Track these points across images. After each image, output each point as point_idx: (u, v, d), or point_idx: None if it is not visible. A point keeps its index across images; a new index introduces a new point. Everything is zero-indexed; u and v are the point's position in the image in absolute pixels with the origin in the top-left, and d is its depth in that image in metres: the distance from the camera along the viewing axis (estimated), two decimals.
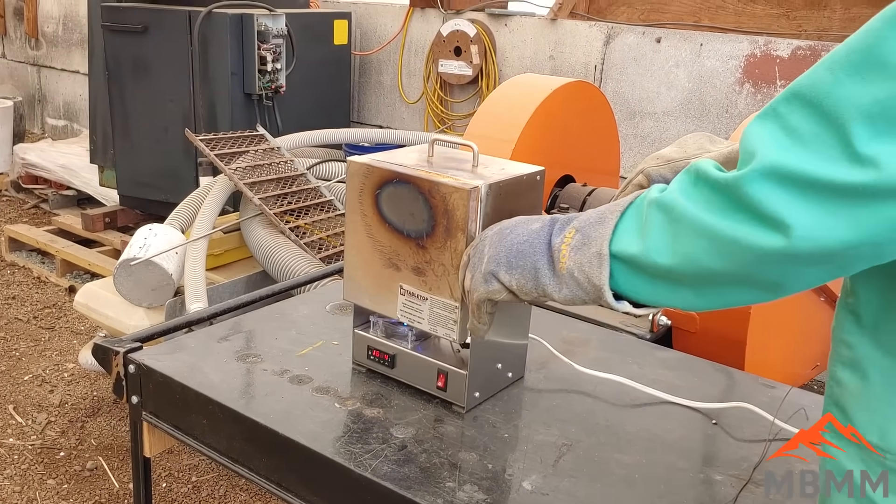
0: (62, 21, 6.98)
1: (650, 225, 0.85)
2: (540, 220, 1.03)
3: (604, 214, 0.94)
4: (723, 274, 0.78)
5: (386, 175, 1.24)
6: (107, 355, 1.40)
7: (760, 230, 0.73)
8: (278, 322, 1.61)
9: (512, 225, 1.05)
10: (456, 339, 1.23)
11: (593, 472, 1.17)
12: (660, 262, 0.83)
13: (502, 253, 1.02)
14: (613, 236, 0.90)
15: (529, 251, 0.99)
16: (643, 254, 0.85)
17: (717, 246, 0.76)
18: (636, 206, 0.91)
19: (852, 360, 0.82)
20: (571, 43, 4.40)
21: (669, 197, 0.83)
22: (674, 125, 4.07)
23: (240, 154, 3.68)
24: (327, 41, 4.76)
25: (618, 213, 0.91)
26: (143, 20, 4.31)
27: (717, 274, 0.78)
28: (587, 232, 0.93)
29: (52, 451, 2.91)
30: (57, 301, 4.20)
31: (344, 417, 1.27)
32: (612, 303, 0.92)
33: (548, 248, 0.98)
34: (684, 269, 0.81)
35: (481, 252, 1.06)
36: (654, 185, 0.92)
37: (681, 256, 0.80)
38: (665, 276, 0.84)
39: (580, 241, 0.94)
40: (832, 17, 4.05)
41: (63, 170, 5.44)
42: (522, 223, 1.04)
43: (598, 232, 0.92)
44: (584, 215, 0.97)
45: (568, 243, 0.95)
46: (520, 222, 1.05)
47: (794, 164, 0.71)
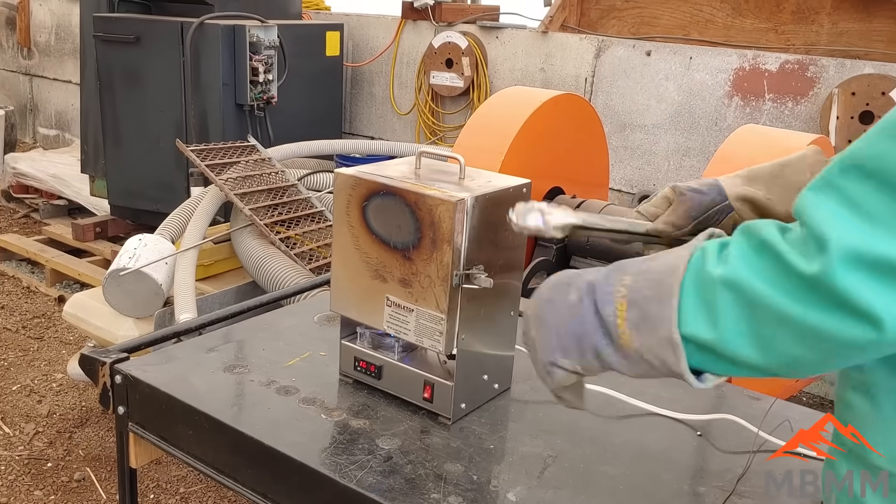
0: (54, 31, 6.98)
1: (721, 307, 0.78)
2: (574, 286, 0.91)
3: (657, 284, 0.83)
4: (807, 360, 0.76)
5: (373, 187, 1.25)
6: (93, 366, 1.40)
7: (851, 323, 0.70)
8: (266, 333, 1.61)
9: (546, 299, 0.93)
10: (442, 351, 1.24)
11: (578, 483, 1.17)
12: (740, 352, 0.78)
13: (552, 339, 0.91)
14: (679, 316, 0.81)
15: (581, 332, 0.89)
16: (719, 342, 0.78)
17: (804, 337, 0.74)
18: (695, 279, 0.81)
19: (863, 383, 0.82)
20: (562, 55, 4.42)
21: (737, 275, 0.77)
22: (663, 138, 4.10)
23: (231, 165, 3.69)
24: (319, 52, 4.78)
25: (675, 288, 0.81)
26: (136, 31, 4.32)
27: (800, 359, 0.76)
28: (645, 309, 0.83)
29: (40, 462, 2.89)
30: (46, 311, 4.19)
31: (330, 428, 1.27)
32: (694, 383, 0.85)
33: (600, 323, 0.87)
34: (767, 358, 0.77)
35: (531, 339, 0.95)
36: (707, 248, 0.82)
37: (763, 347, 0.76)
38: (744, 363, 0.79)
39: (639, 318, 0.84)
40: (820, 31, 4.09)
41: (54, 179, 5.43)
42: (558, 294, 0.92)
43: (660, 312, 0.82)
44: (628, 278, 0.87)
45: (623, 317, 0.85)
46: (554, 294, 0.93)
47: (876, 248, 0.69)
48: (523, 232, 1.08)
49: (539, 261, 2.70)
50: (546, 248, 2.77)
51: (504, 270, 1.30)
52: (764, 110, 3.82)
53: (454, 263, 1.18)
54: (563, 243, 2.79)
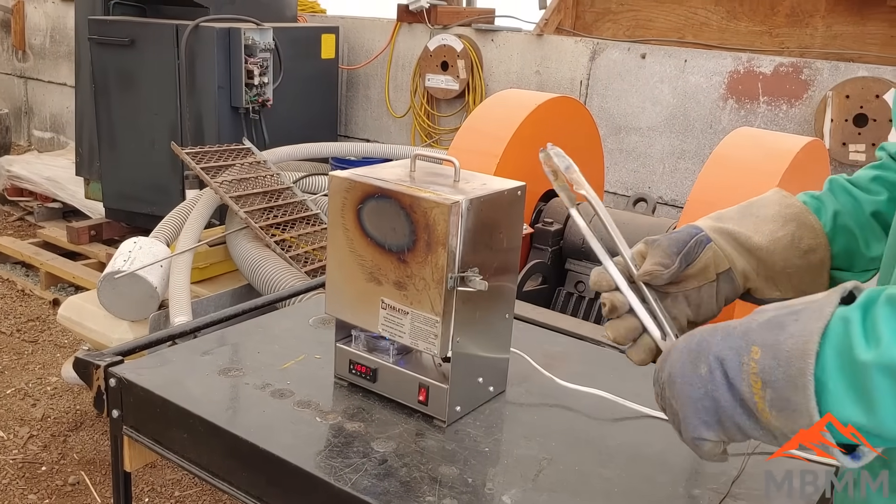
0: (49, 33, 6.97)
1: (879, 395, 0.71)
2: (703, 357, 0.85)
3: (788, 366, 0.77)
4: None
5: (368, 190, 1.25)
6: (87, 369, 1.39)
7: None
8: (261, 336, 1.60)
9: (679, 370, 0.87)
10: (437, 353, 1.24)
11: (573, 486, 1.17)
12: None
13: (692, 414, 0.86)
14: (822, 402, 0.75)
15: (719, 407, 0.83)
16: (878, 427, 0.72)
17: None
18: (842, 362, 0.74)
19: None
20: (557, 58, 4.43)
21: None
22: (658, 140, 4.11)
23: (226, 167, 3.68)
24: (315, 55, 4.78)
25: (809, 374, 0.75)
26: (131, 33, 4.32)
27: None
28: (782, 393, 0.77)
29: (34, 466, 2.88)
30: (41, 314, 4.18)
31: (325, 431, 1.27)
32: (849, 464, 0.78)
33: (737, 399, 0.81)
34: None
35: (673, 411, 0.89)
36: (849, 321, 0.75)
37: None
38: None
39: (778, 401, 0.77)
40: (814, 34, 4.10)
41: (49, 182, 5.42)
42: (688, 366, 0.86)
43: (798, 400, 0.75)
44: (758, 352, 0.80)
45: (760, 395, 0.79)
46: (685, 367, 0.86)
47: None
48: (547, 165, 1.08)
49: (534, 263, 2.70)
50: (541, 251, 2.77)
51: (499, 273, 1.30)
52: (758, 113, 3.83)
53: (449, 266, 1.18)
54: (558, 246, 2.80)
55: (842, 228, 1.07)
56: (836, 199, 1.09)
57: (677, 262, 1.00)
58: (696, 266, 1.01)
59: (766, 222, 1.04)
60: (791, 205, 1.06)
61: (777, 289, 1.04)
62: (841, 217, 1.07)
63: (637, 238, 2.90)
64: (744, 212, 1.07)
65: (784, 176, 2.16)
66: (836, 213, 1.07)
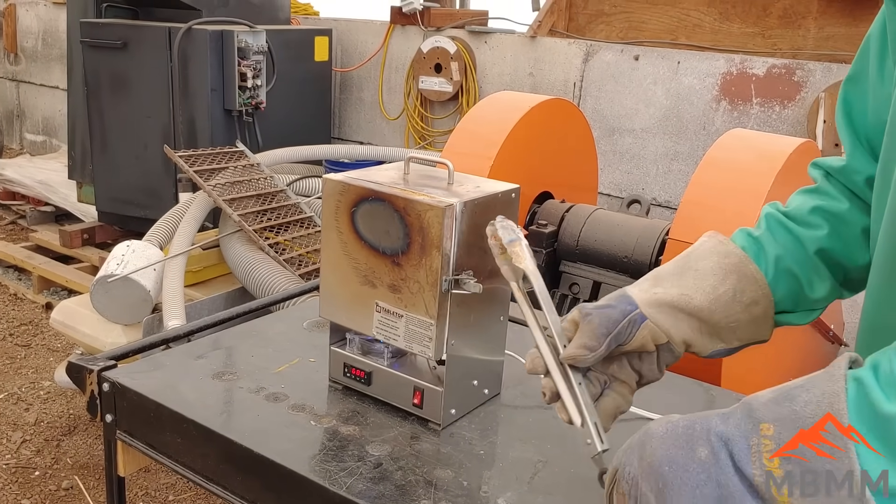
0: (41, 36, 6.95)
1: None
2: (700, 439, 0.76)
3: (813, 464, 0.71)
4: None
5: (361, 193, 1.24)
6: (81, 373, 1.39)
7: None
8: (255, 339, 1.60)
9: (666, 459, 0.77)
10: (432, 356, 1.24)
11: (568, 488, 1.17)
12: None
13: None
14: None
15: (724, 496, 0.74)
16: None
17: None
18: (862, 419, 0.70)
19: None
20: (551, 60, 4.43)
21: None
22: (652, 142, 4.11)
23: (219, 170, 3.67)
24: (308, 58, 4.77)
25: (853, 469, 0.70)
26: (123, 36, 4.31)
27: None
28: (810, 467, 0.71)
29: (27, 471, 2.87)
30: (33, 318, 4.16)
31: (320, 435, 1.26)
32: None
33: (746, 485, 0.74)
34: None
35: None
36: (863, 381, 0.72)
37: None
38: None
39: (803, 477, 0.72)
40: (807, 35, 4.12)
41: (41, 185, 5.40)
42: (680, 451, 0.77)
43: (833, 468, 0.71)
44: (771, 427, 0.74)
45: (779, 475, 0.73)
46: (675, 452, 0.77)
47: None
48: (493, 238, 1.07)
49: None
50: (536, 253, 2.77)
51: (493, 276, 1.29)
52: (751, 114, 3.83)
53: (443, 269, 1.18)
54: (552, 248, 2.80)
55: (784, 273, 1.02)
56: (776, 239, 1.04)
57: (605, 345, 0.95)
58: (631, 345, 0.97)
59: (706, 277, 0.99)
60: (730, 254, 1.01)
61: (721, 341, 1.01)
62: (782, 261, 1.02)
63: (631, 241, 2.90)
64: (682, 267, 1.02)
65: (777, 177, 2.16)
66: (777, 257, 1.02)
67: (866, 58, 1.01)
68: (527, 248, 1.08)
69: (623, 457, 0.83)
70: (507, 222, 1.13)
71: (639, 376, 1.01)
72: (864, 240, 1.03)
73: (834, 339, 2.76)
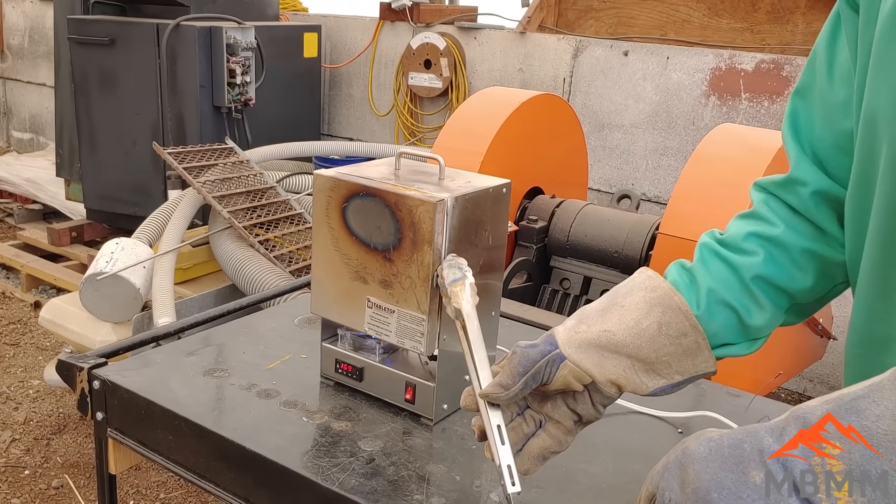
0: (28, 33, 6.90)
1: None
2: (749, 460, 0.70)
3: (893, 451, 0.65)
4: None
5: (352, 188, 1.24)
6: (71, 371, 1.38)
7: None
8: (246, 336, 1.60)
9: (712, 485, 0.70)
10: (423, 352, 1.24)
11: (560, 482, 1.17)
12: None
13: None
14: None
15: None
16: None
17: None
18: None
19: None
20: (540, 56, 4.44)
21: None
22: (641, 137, 4.12)
23: (209, 167, 3.66)
24: (297, 54, 4.76)
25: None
26: (110, 32, 4.28)
27: None
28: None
29: (17, 470, 2.86)
30: (22, 317, 4.14)
31: (312, 431, 1.26)
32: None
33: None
34: None
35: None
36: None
37: None
38: None
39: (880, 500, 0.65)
40: (795, 31, 4.13)
41: (29, 183, 5.37)
42: (729, 474, 0.70)
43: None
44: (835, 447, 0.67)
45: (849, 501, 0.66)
46: (723, 475, 0.70)
47: None
48: (440, 277, 1.13)
49: (520, 261, 2.71)
50: (526, 248, 2.78)
51: (485, 271, 1.30)
52: (740, 109, 3.85)
53: (435, 264, 1.18)
54: (543, 243, 2.80)
55: (718, 304, 0.99)
56: (709, 271, 1.00)
57: (520, 384, 0.94)
58: (554, 384, 0.96)
59: (631, 312, 0.96)
60: (656, 287, 0.97)
61: (661, 377, 0.97)
62: (715, 293, 0.99)
63: (621, 236, 2.90)
64: (608, 304, 0.99)
65: (766, 172, 2.17)
66: (709, 289, 0.99)
67: (813, 70, 1.00)
68: (469, 287, 1.10)
69: (660, 480, 0.75)
70: (455, 261, 1.14)
71: (577, 416, 0.99)
72: (806, 262, 1.00)
73: (823, 332, 2.78)
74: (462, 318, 1.09)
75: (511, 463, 0.95)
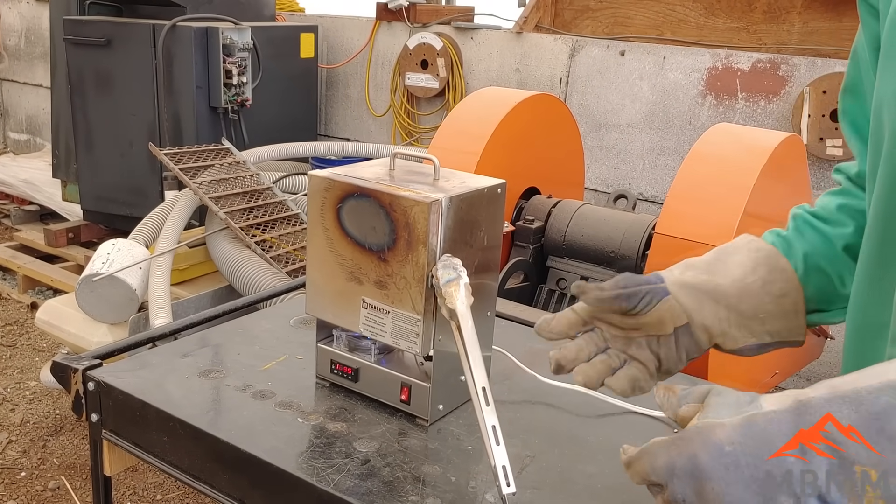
0: (24, 34, 6.89)
1: None
2: (779, 483, 0.69)
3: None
4: None
5: (347, 189, 1.24)
6: (65, 373, 1.38)
7: None
8: (242, 337, 1.59)
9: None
10: (419, 352, 1.23)
11: (556, 483, 1.17)
12: None
13: None
14: None
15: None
16: None
17: None
18: None
19: None
20: (537, 56, 4.44)
21: None
22: (638, 137, 4.12)
23: (205, 168, 3.66)
24: (294, 54, 4.76)
25: None
26: (107, 33, 4.28)
27: None
28: None
29: (13, 472, 2.85)
30: (19, 318, 4.13)
31: (307, 432, 1.26)
32: None
33: None
34: None
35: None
36: None
37: None
38: None
39: None
40: (791, 30, 4.13)
41: (25, 184, 5.36)
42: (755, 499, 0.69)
43: None
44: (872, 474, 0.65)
45: None
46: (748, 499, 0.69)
47: None
48: (434, 278, 1.13)
49: (516, 261, 2.70)
50: (523, 249, 2.78)
51: (480, 271, 1.29)
52: (737, 109, 3.85)
53: (430, 264, 1.18)
54: (539, 243, 2.80)
55: (814, 269, 1.02)
56: (804, 237, 1.04)
57: (614, 292, 0.95)
58: (650, 316, 0.97)
59: (736, 268, 1.00)
60: (760, 248, 1.02)
61: (751, 335, 1.00)
62: (811, 258, 1.02)
63: (618, 236, 2.90)
64: (713, 259, 1.02)
65: (762, 171, 2.17)
66: (805, 254, 1.03)
67: (857, 66, 1.01)
68: (464, 287, 1.11)
69: (669, 480, 0.74)
70: (450, 261, 1.14)
71: (658, 362, 1.01)
72: None
73: (819, 332, 2.78)
74: (457, 318, 1.09)
75: (506, 464, 0.95)
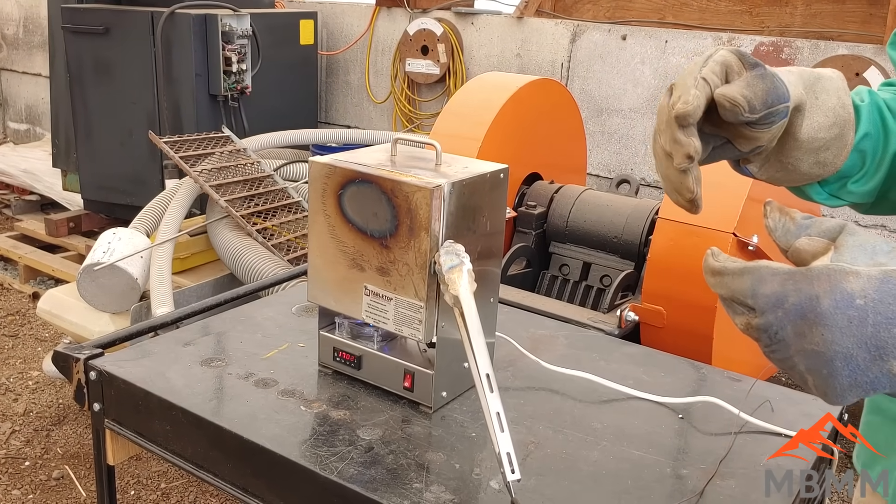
0: (22, 23, 6.86)
1: None
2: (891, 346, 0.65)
3: None
4: None
5: (348, 175, 1.23)
6: (67, 362, 1.37)
7: None
8: (244, 325, 1.59)
9: (843, 356, 0.67)
10: (422, 339, 1.23)
11: (560, 469, 1.17)
12: None
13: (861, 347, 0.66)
14: None
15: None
16: None
17: None
18: None
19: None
20: (538, 41, 4.41)
21: None
22: (640, 122, 4.10)
23: (205, 156, 3.64)
24: (293, 41, 4.73)
25: None
26: (105, 21, 4.25)
27: None
28: None
29: (17, 461, 2.86)
30: (20, 308, 4.13)
31: (310, 420, 1.25)
32: None
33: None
34: None
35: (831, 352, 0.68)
36: None
37: None
38: None
39: None
40: (794, 13, 4.10)
41: (25, 174, 5.35)
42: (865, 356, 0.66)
43: None
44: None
45: None
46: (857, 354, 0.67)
47: None
48: (437, 264, 1.14)
49: (518, 247, 2.69)
50: (525, 234, 2.77)
51: (483, 257, 1.29)
52: None
53: (432, 250, 1.17)
54: (542, 229, 2.79)
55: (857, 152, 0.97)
56: (871, 118, 0.98)
57: (759, 115, 0.85)
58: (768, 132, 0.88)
59: (820, 114, 0.92)
60: (846, 106, 0.94)
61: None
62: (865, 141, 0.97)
63: (621, 221, 2.88)
64: (809, 88, 0.92)
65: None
66: (865, 134, 0.96)
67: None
68: (467, 274, 1.11)
69: (776, 314, 0.72)
70: (453, 247, 1.14)
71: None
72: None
73: None
74: (460, 304, 1.08)
75: (511, 450, 0.95)
